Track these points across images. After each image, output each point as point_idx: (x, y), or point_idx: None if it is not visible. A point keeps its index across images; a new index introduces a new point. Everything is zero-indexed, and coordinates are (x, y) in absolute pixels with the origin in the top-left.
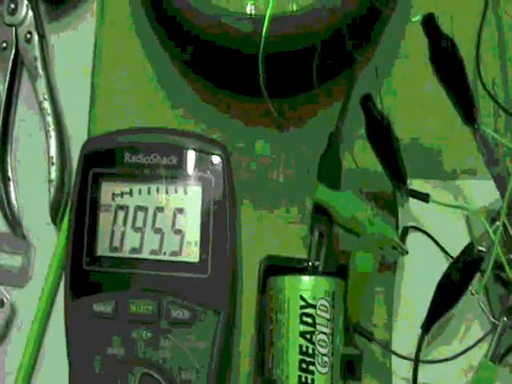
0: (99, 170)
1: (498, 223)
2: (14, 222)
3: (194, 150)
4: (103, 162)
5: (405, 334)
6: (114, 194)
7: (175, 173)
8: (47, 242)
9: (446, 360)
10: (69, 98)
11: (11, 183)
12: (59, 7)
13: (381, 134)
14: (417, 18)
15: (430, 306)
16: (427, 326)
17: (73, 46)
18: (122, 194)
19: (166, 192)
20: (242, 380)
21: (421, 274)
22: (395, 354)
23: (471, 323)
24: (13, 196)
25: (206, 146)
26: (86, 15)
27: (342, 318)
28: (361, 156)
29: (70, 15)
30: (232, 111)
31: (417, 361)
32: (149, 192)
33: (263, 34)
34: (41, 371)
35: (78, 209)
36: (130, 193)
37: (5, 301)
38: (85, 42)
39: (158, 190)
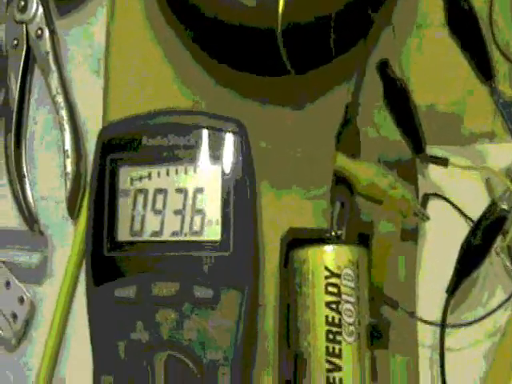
0: (117, 155)
1: None
2: (31, 219)
3: (211, 128)
4: (120, 147)
5: (430, 300)
6: (132, 178)
7: (193, 153)
8: (65, 237)
9: (472, 323)
10: (82, 91)
11: (26, 180)
12: (69, 2)
13: (399, 99)
14: None
15: (455, 268)
16: (453, 288)
17: (84, 39)
18: (140, 178)
19: (185, 173)
20: (267, 356)
21: (443, 240)
22: (421, 320)
23: (495, 286)
24: (29, 193)
25: (223, 123)
26: (97, 8)
27: (367, 286)
28: (379, 124)
29: (79, 9)
30: (247, 91)
31: (443, 325)
32: (167, 174)
33: (280, 9)
34: (64, 362)
35: (97, 195)
36: (149, 176)
37: (24, 298)
38: (96, 34)
39: (176, 172)
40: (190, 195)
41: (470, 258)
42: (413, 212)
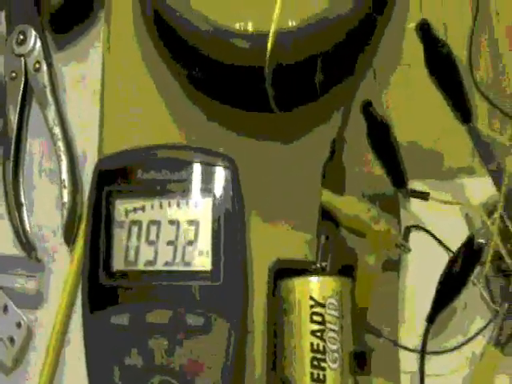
0: (112, 187)
1: (495, 215)
2: (29, 246)
3: (203, 163)
4: (116, 179)
5: (411, 329)
6: (127, 210)
7: (186, 186)
8: (61, 264)
9: (451, 350)
10: (78, 123)
11: (24, 208)
12: (66, 36)
13: (382, 137)
14: (412, 25)
15: (434, 298)
16: (432, 317)
17: (80, 72)
18: (135, 210)
19: (178, 205)
20: (255, 382)
21: (423, 270)
22: (402, 347)
23: (474, 314)
24: (26, 220)
25: (214, 159)
26: (93, 43)
27: (350, 315)
28: (363, 161)
29: (76, 44)
30: (237, 126)
31: (423, 352)
32: (161, 206)
33: (269, 50)
34: None
35: (93, 225)
36: (143, 208)
37: (21, 323)
38: (93, 68)
39: (169, 204)
40: (182, 227)
41: (449, 288)
42: (395, 244)
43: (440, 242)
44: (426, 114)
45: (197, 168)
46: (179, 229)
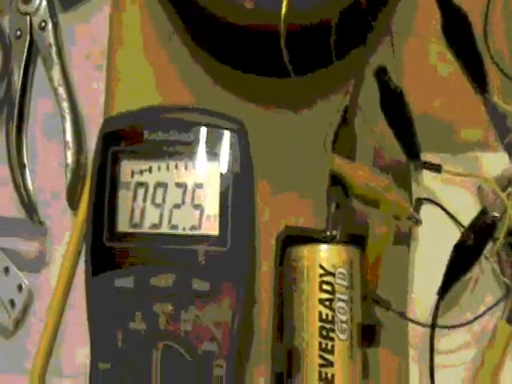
0: (118, 148)
1: (510, 189)
2: (31, 209)
3: (211, 125)
4: (122, 140)
5: (421, 302)
6: (133, 171)
7: (193, 148)
8: (64, 227)
9: (462, 325)
10: (84, 84)
11: (27, 170)
12: None
13: (395, 105)
14: None
15: (446, 270)
16: (443, 290)
17: (87, 33)
18: (141, 172)
19: (185, 168)
20: (261, 351)
21: (434, 243)
22: (412, 321)
23: (485, 290)
24: (29, 182)
25: (223, 121)
26: (100, 3)
27: (360, 286)
28: (375, 130)
29: (83, 3)
30: (248, 92)
31: (433, 326)
32: (168, 168)
33: (283, 10)
34: (60, 349)
35: (98, 187)
36: (150, 170)
37: (23, 286)
38: (99, 29)
39: (176, 166)
40: (189, 190)
41: (461, 262)
42: (406, 216)
43: (451, 215)
44: (441, 85)
45: (205, 130)
46: (186, 192)
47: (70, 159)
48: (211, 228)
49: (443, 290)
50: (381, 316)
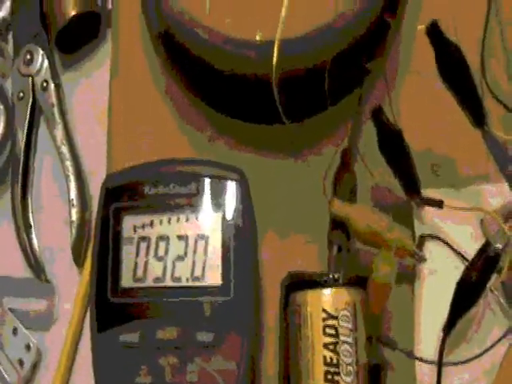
0: (120, 204)
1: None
2: (38, 267)
3: (212, 176)
4: (123, 196)
5: (427, 341)
6: (135, 226)
7: (195, 200)
8: (70, 284)
9: (469, 360)
10: (86, 142)
11: (33, 230)
12: (74, 56)
13: (393, 144)
14: (421, 27)
15: (451, 306)
16: (448, 327)
17: (89, 91)
18: (143, 226)
19: (187, 220)
20: None
21: (439, 280)
22: (418, 359)
23: (492, 323)
24: (35, 242)
25: (223, 172)
26: (101, 61)
27: (364, 327)
28: (375, 170)
29: (84, 63)
30: (247, 140)
31: (440, 363)
32: (169, 222)
33: (275, 58)
34: None
35: (101, 243)
36: (151, 224)
37: (31, 345)
38: (100, 87)
39: (178, 220)
40: (191, 242)
41: (466, 296)
42: (409, 254)
43: (455, 250)
44: (438, 120)
45: (205, 181)
46: (188, 244)
47: (74, 216)
48: (214, 278)
49: (448, 327)
50: (387, 356)
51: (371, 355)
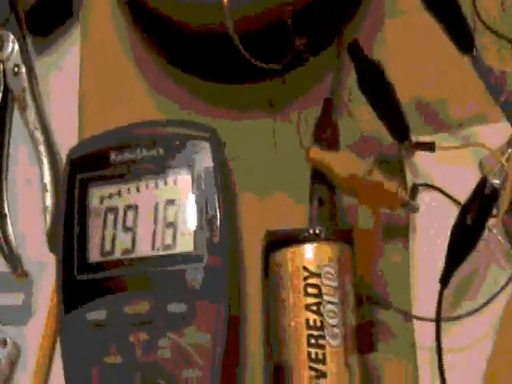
0: (85, 174)
1: (509, 150)
2: (14, 260)
3: (180, 136)
4: (88, 166)
5: (425, 297)
6: (102, 196)
7: (163, 164)
8: (47, 274)
9: (470, 314)
10: (59, 126)
11: (8, 220)
12: (46, 40)
13: (373, 80)
14: None
15: (447, 254)
16: (445, 277)
17: (61, 75)
18: (110, 196)
19: (156, 186)
20: (255, 373)
21: (435, 230)
22: (415, 317)
23: (492, 272)
24: (10, 232)
25: (192, 131)
26: (73, 44)
27: (351, 284)
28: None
29: (57, 47)
30: (220, 100)
31: (438, 319)
32: (138, 190)
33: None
34: None
35: (67, 218)
36: (119, 193)
37: (7, 340)
38: (72, 70)
39: (147, 186)
40: (160, 209)
41: (462, 241)
42: (400, 204)
43: (451, 197)
44: (426, 61)
45: (173, 142)
46: (158, 211)
47: (48, 201)
48: (185, 245)
49: (446, 277)
50: (379, 315)
51: (361, 317)
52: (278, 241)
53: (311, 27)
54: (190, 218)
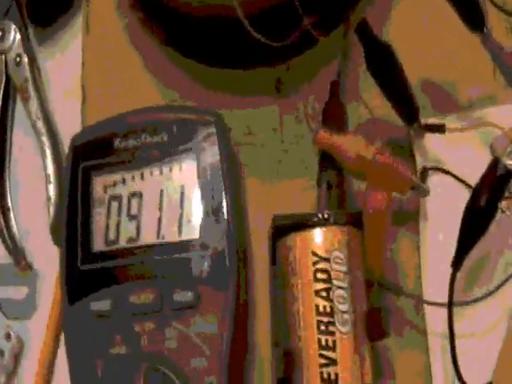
0: (89, 162)
1: None
2: (17, 253)
3: (184, 122)
4: (92, 153)
5: (436, 281)
6: (105, 185)
7: (168, 150)
8: (51, 267)
9: (484, 297)
10: (62, 115)
11: (11, 212)
12: (48, 30)
13: (382, 61)
14: None
15: (459, 236)
16: (457, 261)
17: (64, 64)
18: (114, 184)
19: (160, 173)
20: (264, 361)
21: (446, 215)
22: (427, 302)
23: (503, 256)
24: (14, 225)
25: (197, 116)
26: (76, 34)
27: (362, 269)
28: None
29: (58, 37)
30: (226, 85)
31: (450, 304)
32: (142, 177)
33: None
34: None
35: (70, 207)
36: (123, 181)
37: (11, 334)
38: (74, 59)
39: (151, 173)
40: (165, 196)
41: (475, 223)
42: (410, 187)
43: (462, 181)
44: (436, 41)
45: (177, 128)
46: (163, 198)
47: (51, 192)
48: (191, 233)
49: (458, 260)
50: (392, 303)
51: (372, 302)
52: (286, 226)
53: (319, 6)
54: (195, 205)
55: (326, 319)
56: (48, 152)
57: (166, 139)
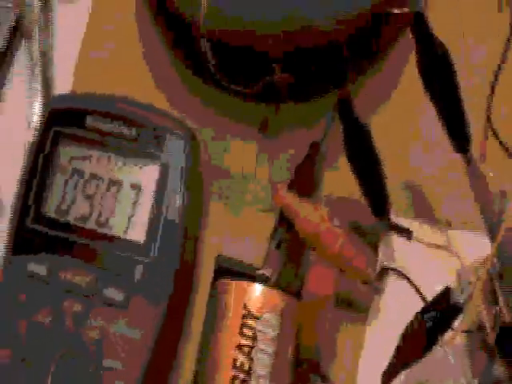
0: (61, 129)
1: (481, 271)
2: None
3: (158, 126)
4: (67, 121)
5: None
6: (72, 156)
7: (137, 147)
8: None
9: None
10: (61, 64)
11: None
12: None
13: (360, 146)
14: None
15: (394, 353)
16: (387, 378)
17: (72, 16)
18: (80, 159)
19: (124, 164)
20: None
21: (394, 318)
22: None
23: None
24: None
25: (171, 124)
26: None
27: (292, 343)
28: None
29: None
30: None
31: None
32: (108, 162)
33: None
34: None
35: (33, 165)
36: (89, 158)
37: None
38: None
39: (116, 162)
40: (123, 189)
41: (409, 350)
42: (364, 280)
43: (418, 290)
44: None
45: (150, 130)
46: (120, 191)
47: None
48: (137, 234)
49: (388, 376)
50: None
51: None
52: (227, 269)
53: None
54: (148, 209)
55: (242, 376)
56: (35, 103)
57: (137, 136)
